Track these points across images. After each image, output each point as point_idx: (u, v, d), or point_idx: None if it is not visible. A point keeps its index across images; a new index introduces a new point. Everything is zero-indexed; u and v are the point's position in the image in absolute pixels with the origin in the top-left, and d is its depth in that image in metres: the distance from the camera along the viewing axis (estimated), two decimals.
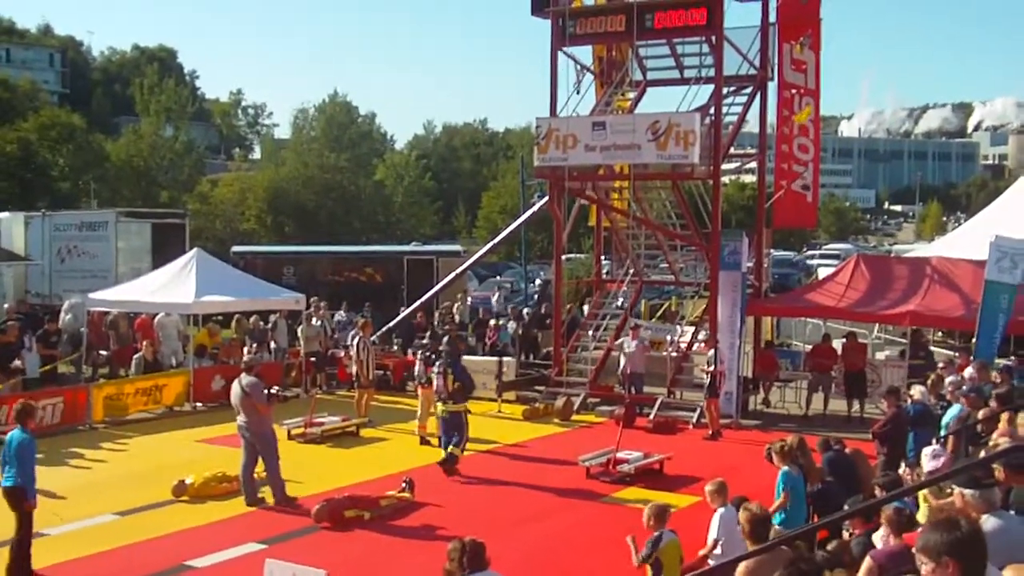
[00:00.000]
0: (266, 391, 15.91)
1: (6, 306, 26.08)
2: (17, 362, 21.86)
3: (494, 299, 34.23)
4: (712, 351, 21.44)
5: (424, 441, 19.87)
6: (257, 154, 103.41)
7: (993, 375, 15.79)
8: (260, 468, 15.82)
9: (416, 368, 20.81)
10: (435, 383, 18.18)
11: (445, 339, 20.84)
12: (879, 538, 8.62)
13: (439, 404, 18.17)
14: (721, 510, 10.99)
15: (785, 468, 11.94)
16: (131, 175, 60.87)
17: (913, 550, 5.01)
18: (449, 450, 17.67)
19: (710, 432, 20.88)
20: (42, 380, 22.99)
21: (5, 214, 35.92)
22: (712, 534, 10.91)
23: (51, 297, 31.44)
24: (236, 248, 39.79)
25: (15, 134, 55.36)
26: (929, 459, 10.63)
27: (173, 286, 23.42)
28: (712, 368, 21.08)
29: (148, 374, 23.35)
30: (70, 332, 25.74)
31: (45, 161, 56.14)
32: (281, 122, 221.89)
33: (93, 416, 21.41)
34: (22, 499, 12.30)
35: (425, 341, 21.27)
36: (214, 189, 65.11)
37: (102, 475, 17.59)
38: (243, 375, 15.92)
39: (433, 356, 19.59)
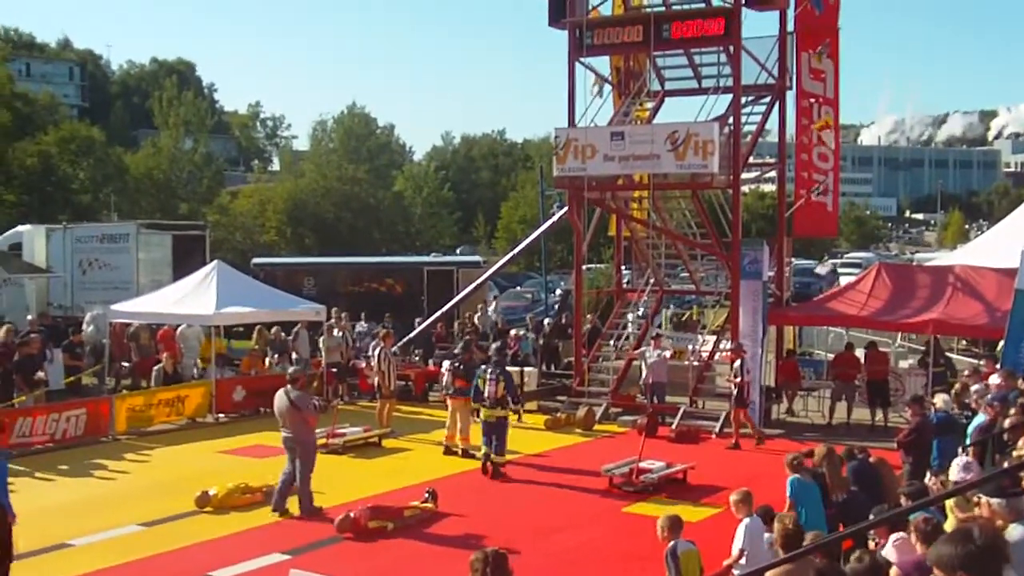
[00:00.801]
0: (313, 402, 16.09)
1: (29, 318, 26.19)
2: (40, 374, 21.95)
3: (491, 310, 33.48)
4: (739, 361, 21.24)
5: (449, 451, 19.90)
6: (276, 166, 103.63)
7: (1020, 383, 15.65)
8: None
9: (444, 379, 20.85)
10: (486, 390, 18.53)
11: (495, 347, 21.13)
12: (889, 552, 8.57)
13: (484, 409, 18.61)
14: (746, 520, 10.94)
15: (794, 476, 11.95)
16: (150, 188, 61.10)
17: (927, 563, 4.95)
18: (493, 459, 18.24)
19: (756, 438, 20.93)
20: (67, 391, 23.13)
21: (27, 227, 36.10)
22: (737, 544, 10.86)
23: (73, 309, 31.56)
24: (256, 260, 39.86)
25: (36, 148, 55.63)
26: (959, 471, 10.54)
27: (194, 297, 23.50)
28: (739, 379, 20.96)
29: (170, 385, 23.44)
30: (92, 344, 25.89)
31: (65, 174, 56.39)
32: (300, 134, 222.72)
33: (116, 427, 21.49)
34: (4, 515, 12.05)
35: (457, 351, 21.26)
36: (233, 201, 65.30)
37: (126, 486, 17.66)
38: (289, 387, 15.91)
39: (462, 367, 19.80)
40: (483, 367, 19.08)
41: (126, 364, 25.95)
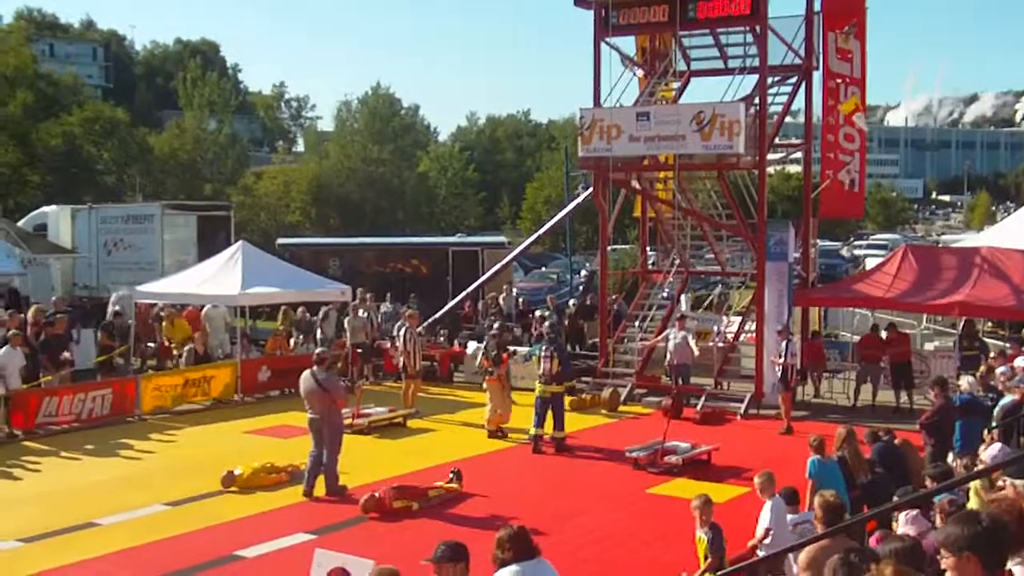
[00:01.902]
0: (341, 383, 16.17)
1: (54, 299, 26.32)
2: (66, 354, 22.08)
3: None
4: (785, 343, 20.86)
5: (493, 435, 19.90)
6: (300, 147, 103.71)
7: None
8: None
9: (477, 360, 21.16)
10: (541, 366, 19.11)
11: (547, 325, 21.71)
12: (908, 529, 8.55)
13: (539, 385, 19.07)
14: (770, 501, 10.94)
15: (814, 457, 11.97)
16: (175, 168, 61.29)
17: (936, 543, 5.06)
18: (553, 435, 18.77)
19: (784, 426, 20.49)
20: (99, 370, 23.27)
21: (52, 207, 36.30)
22: (763, 524, 10.87)
23: (98, 289, 31.74)
24: (281, 240, 40.00)
25: (60, 128, 55.88)
26: (992, 459, 10.49)
27: (219, 278, 23.54)
28: (784, 360, 20.75)
29: (196, 365, 23.54)
30: (117, 324, 26.00)
31: (89, 155, 56.63)
32: (324, 115, 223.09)
33: (142, 407, 21.62)
34: None
35: (494, 332, 21.50)
36: (258, 182, 65.44)
37: (152, 466, 17.77)
38: (316, 368, 15.85)
39: (497, 347, 20.17)
40: (539, 344, 19.76)
41: (152, 344, 26.03)
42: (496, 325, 21.94)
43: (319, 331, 26.62)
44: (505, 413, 20.16)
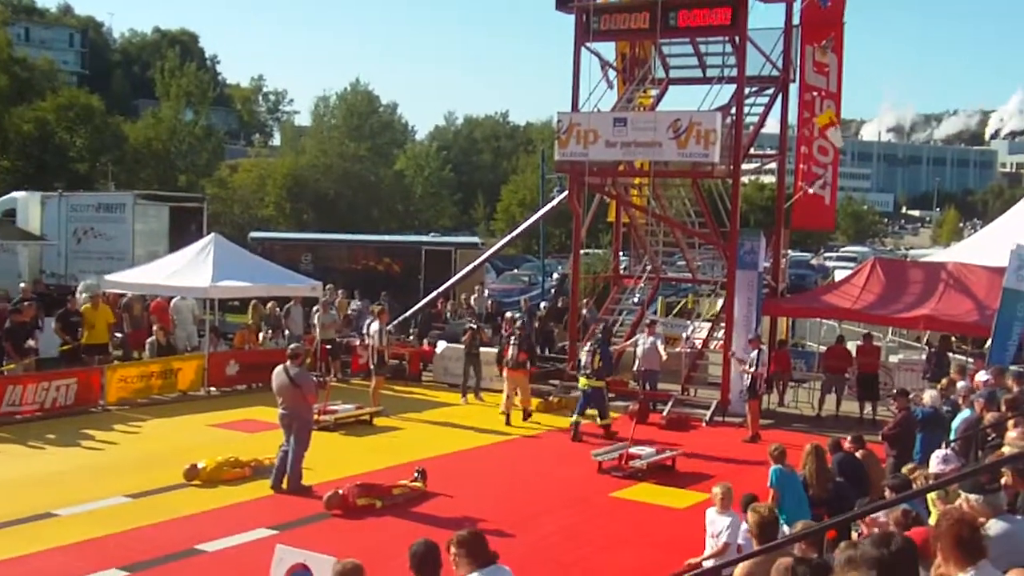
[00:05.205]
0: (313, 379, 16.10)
1: (22, 285, 26.07)
2: (31, 342, 21.88)
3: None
4: (756, 352, 20.97)
5: (525, 416, 21.48)
6: (277, 141, 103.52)
7: (1009, 381, 15.72)
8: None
9: (510, 352, 21.83)
10: (583, 360, 20.63)
11: (602, 327, 22.83)
12: None
13: (582, 378, 20.41)
14: (729, 517, 11.03)
15: (776, 466, 12.02)
16: (149, 158, 60.88)
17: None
18: (598, 422, 20.12)
19: (750, 435, 20.53)
20: (62, 359, 22.96)
21: (21, 193, 35.90)
22: (722, 538, 10.96)
23: (67, 278, 31.48)
24: (254, 234, 39.90)
25: (33, 114, 55.44)
26: (938, 463, 10.61)
27: (190, 270, 23.39)
28: (753, 369, 20.85)
29: (163, 357, 23.42)
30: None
31: (62, 142, 56.18)
32: (302, 109, 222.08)
33: (107, 398, 21.49)
34: None
35: (518, 326, 22.60)
36: (233, 175, 65.20)
37: (114, 457, 17.64)
38: (288, 364, 15.80)
39: (519, 343, 21.72)
40: (589, 343, 21.29)
41: (118, 335, 25.85)
42: (517, 323, 23.03)
43: (286, 327, 26.50)
44: (528, 400, 21.83)
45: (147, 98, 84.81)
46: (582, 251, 27.44)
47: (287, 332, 26.06)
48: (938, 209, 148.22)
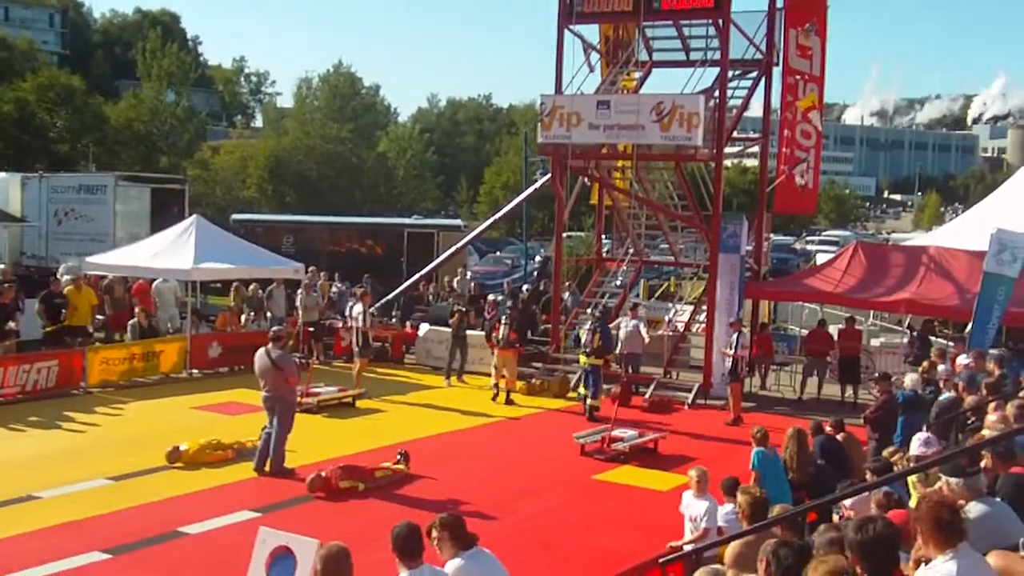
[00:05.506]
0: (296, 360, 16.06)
1: (2, 267, 25.89)
2: (11, 324, 21.77)
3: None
4: (736, 335, 21.10)
5: (509, 401, 21.73)
6: (259, 122, 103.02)
7: (990, 365, 15.81)
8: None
9: (500, 331, 22.06)
10: (583, 339, 21.36)
11: (601, 310, 23.49)
12: None
13: (583, 357, 20.91)
14: (707, 502, 11.11)
15: (758, 449, 12.10)
16: (130, 139, 60.42)
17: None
18: (588, 404, 20.47)
19: (732, 417, 20.64)
20: (45, 342, 22.80)
21: (1, 174, 35.70)
22: (701, 524, 11.01)
23: (47, 259, 31.34)
24: (236, 216, 39.75)
25: (12, 94, 54.95)
26: (919, 446, 10.68)
27: (171, 252, 23.31)
28: (734, 352, 20.92)
29: (145, 339, 23.33)
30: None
31: (43, 122, 55.64)
32: (284, 91, 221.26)
33: (88, 380, 21.42)
34: None
35: (508, 306, 23.27)
36: (215, 156, 64.81)
37: (96, 439, 17.58)
38: (271, 346, 15.75)
39: (510, 322, 22.07)
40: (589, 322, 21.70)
41: (100, 317, 25.73)
42: (511, 304, 23.58)
43: (268, 310, 26.44)
44: (514, 381, 22.15)
45: (128, 79, 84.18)
46: (565, 234, 27.42)
47: (269, 314, 26.00)
48: (920, 193, 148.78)
